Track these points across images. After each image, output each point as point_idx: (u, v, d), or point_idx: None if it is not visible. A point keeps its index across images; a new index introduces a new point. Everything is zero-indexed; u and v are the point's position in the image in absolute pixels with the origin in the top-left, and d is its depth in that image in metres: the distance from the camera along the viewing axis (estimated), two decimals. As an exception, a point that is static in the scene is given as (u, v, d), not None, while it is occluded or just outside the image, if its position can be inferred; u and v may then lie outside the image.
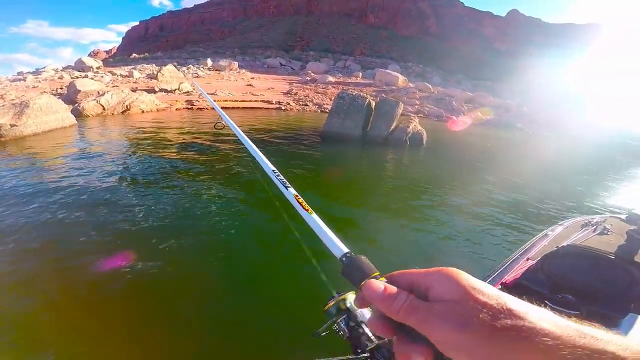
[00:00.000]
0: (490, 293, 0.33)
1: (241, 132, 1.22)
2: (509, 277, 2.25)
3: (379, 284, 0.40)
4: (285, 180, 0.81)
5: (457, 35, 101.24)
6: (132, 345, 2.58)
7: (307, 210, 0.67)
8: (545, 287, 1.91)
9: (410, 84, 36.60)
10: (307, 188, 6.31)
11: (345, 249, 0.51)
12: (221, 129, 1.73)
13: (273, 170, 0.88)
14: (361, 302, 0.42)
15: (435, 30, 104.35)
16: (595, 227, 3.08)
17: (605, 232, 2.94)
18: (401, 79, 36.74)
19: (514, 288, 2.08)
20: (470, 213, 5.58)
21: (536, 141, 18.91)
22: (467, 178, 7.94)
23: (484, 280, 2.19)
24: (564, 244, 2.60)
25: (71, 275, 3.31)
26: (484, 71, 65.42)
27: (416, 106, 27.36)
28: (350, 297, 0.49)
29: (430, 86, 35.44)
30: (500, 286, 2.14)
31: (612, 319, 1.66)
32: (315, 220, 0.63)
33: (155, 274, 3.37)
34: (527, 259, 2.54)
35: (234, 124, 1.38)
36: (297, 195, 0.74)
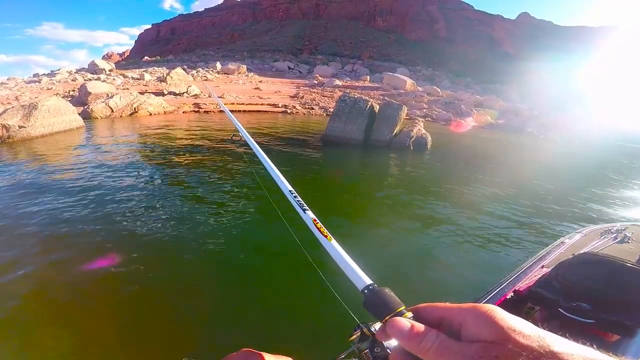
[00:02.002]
0: (531, 334, 0.30)
1: (259, 149, 1.19)
2: (522, 285, 2.19)
3: (405, 322, 0.37)
4: (303, 202, 0.77)
5: (467, 38, 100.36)
6: (129, 346, 2.56)
7: (326, 236, 0.63)
8: (560, 296, 1.86)
9: (419, 88, 36.31)
10: (302, 194, 6.24)
11: (368, 281, 0.49)
12: (238, 140, 1.70)
13: (290, 191, 0.84)
14: (385, 337, 0.41)
15: (444, 34, 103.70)
16: (615, 235, 3.01)
17: (626, 240, 2.87)
18: (409, 83, 36.50)
19: (527, 296, 2.05)
20: (478, 222, 5.40)
21: (547, 145, 18.53)
22: (474, 185, 7.70)
23: (495, 287, 2.13)
24: (582, 251, 2.53)
25: (68, 274, 3.33)
26: (493, 74, 64.57)
27: (424, 110, 27.11)
28: (376, 327, 0.46)
29: (439, 90, 35.12)
30: (512, 294, 2.11)
31: (628, 328, 1.62)
32: (335, 248, 0.59)
33: (153, 278, 3.36)
34: (542, 267, 2.48)
35: (252, 140, 1.35)
36: (315, 220, 0.68)
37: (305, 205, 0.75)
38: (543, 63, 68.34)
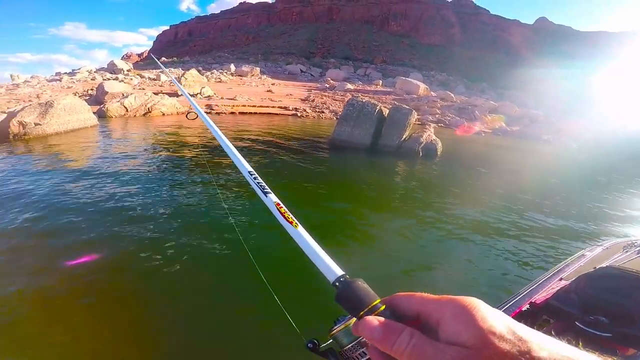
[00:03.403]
0: (513, 338, 0.28)
1: (216, 128, 1.09)
2: (538, 297, 2.14)
3: (375, 322, 0.35)
4: (264, 184, 0.68)
5: (483, 43, 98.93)
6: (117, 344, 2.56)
7: (291, 223, 0.57)
8: (577, 308, 1.83)
9: (432, 93, 35.91)
10: (303, 199, 6.20)
11: (340, 272, 0.45)
12: (193, 119, 1.65)
13: (250, 172, 0.74)
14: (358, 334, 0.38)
15: (459, 39, 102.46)
16: (639, 248, 2.90)
17: None
18: (422, 88, 36.12)
19: (544, 308, 2.01)
20: (487, 233, 5.21)
21: (563, 153, 17.97)
22: (484, 195, 7.39)
23: (511, 299, 2.05)
24: (603, 265, 2.46)
25: (67, 270, 3.38)
26: (509, 80, 63.21)
27: (437, 115, 26.76)
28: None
29: (452, 95, 34.64)
30: (528, 306, 2.08)
31: None
32: (301, 236, 0.53)
33: (146, 275, 3.37)
34: (560, 279, 2.42)
35: (209, 119, 1.24)
36: (278, 204, 0.62)
37: (267, 187, 0.67)
38: (561, 69, 66.65)
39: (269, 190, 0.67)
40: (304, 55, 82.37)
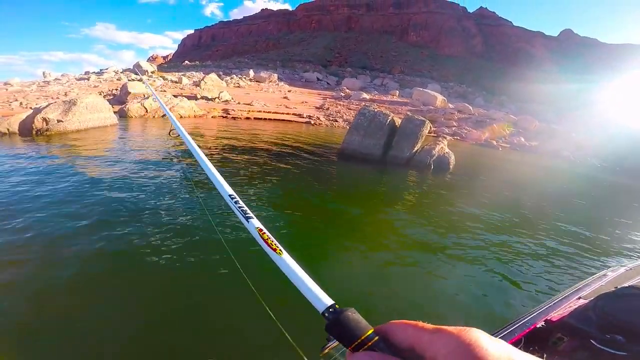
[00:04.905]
0: None
1: (197, 149, 1.06)
2: (555, 315, 2.11)
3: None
4: (246, 209, 0.65)
5: (504, 55, 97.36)
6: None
7: (275, 250, 0.53)
8: (594, 327, 1.78)
9: (450, 105, 35.48)
10: (301, 210, 6.17)
11: (329, 301, 0.43)
12: (175, 137, 1.66)
13: (230, 196, 0.71)
14: None
15: (480, 50, 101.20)
16: None
17: None
18: (440, 99, 35.74)
19: (559, 326, 1.99)
20: (499, 256, 5.02)
21: (583, 170, 17.28)
22: (494, 214, 7.10)
23: (526, 316, 2.05)
24: (625, 285, 2.39)
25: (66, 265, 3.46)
26: (531, 93, 61.66)
27: (453, 128, 26.37)
28: None
29: (470, 107, 34.09)
30: (543, 323, 2.05)
31: None
32: (287, 264, 0.50)
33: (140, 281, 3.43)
34: (579, 298, 2.36)
35: (190, 140, 1.22)
36: (261, 230, 0.58)
37: (249, 212, 0.63)
38: (585, 83, 64.60)
39: (251, 215, 0.62)
40: (321, 63, 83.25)
